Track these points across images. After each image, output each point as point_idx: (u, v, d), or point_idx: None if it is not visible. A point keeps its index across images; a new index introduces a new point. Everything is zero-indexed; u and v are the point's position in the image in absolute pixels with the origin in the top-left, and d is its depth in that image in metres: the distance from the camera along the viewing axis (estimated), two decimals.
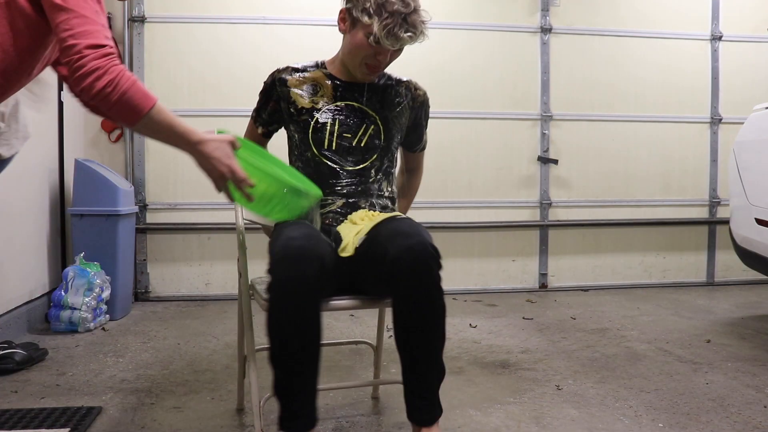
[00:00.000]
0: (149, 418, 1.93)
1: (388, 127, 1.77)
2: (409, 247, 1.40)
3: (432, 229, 4.06)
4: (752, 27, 4.40)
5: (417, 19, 1.60)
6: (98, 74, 1.21)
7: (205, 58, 3.89)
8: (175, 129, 1.34)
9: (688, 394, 2.14)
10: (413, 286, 1.41)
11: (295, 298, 1.37)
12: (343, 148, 1.72)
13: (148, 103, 1.27)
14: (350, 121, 1.75)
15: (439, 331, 1.48)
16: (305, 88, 1.77)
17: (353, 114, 1.75)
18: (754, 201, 2.94)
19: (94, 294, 3.06)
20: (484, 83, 4.14)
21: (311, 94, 1.76)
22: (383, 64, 1.71)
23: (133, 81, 1.26)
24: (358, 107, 1.76)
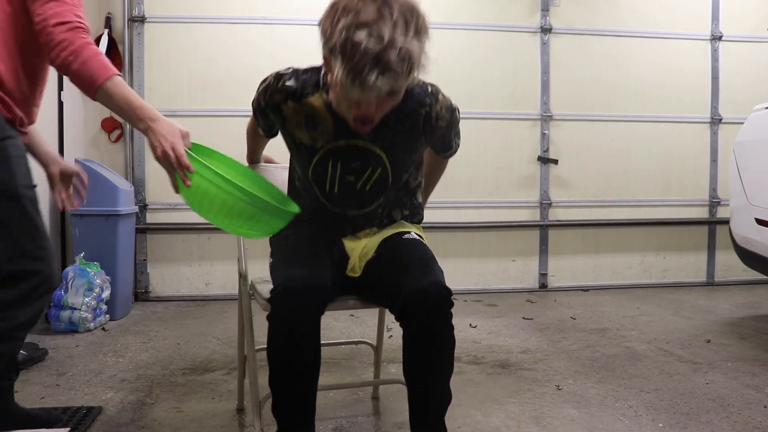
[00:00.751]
0: (149, 418, 1.93)
1: (397, 169, 1.54)
2: (423, 290, 1.37)
3: (432, 229, 4.07)
4: (752, 27, 4.40)
5: (393, 57, 1.21)
6: (63, 45, 1.34)
7: (205, 57, 3.89)
8: (131, 103, 1.40)
9: (688, 394, 2.14)
10: (425, 327, 1.40)
11: (296, 332, 1.36)
12: (346, 192, 1.54)
13: (105, 74, 1.36)
14: (353, 164, 1.51)
15: (449, 362, 1.47)
16: (303, 120, 1.49)
17: (356, 155, 1.50)
18: (754, 201, 2.94)
19: (94, 294, 3.06)
20: (484, 83, 4.14)
21: (310, 128, 1.50)
22: (371, 115, 1.35)
23: (95, 53, 1.36)
24: (363, 146, 1.49)
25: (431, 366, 1.44)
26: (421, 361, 1.44)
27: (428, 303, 1.38)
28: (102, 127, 3.82)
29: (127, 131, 3.81)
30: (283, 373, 1.39)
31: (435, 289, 1.38)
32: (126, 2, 3.78)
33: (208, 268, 3.91)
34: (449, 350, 1.46)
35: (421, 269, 1.42)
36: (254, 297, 1.70)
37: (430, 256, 1.50)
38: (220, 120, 3.86)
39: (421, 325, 1.40)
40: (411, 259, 1.47)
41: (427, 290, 1.37)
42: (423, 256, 1.49)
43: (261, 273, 1.80)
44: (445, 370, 1.47)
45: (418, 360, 1.45)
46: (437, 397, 1.47)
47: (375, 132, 1.47)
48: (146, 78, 3.81)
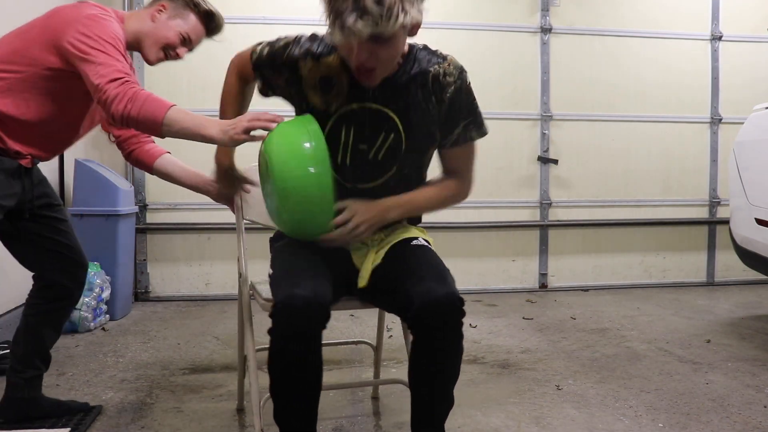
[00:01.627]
0: (149, 418, 1.93)
1: (410, 134, 1.48)
2: (437, 301, 1.35)
3: (432, 229, 4.06)
4: (752, 27, 4.39)
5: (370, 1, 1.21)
6: (119, 99, 1.47)
7: (205, 57, 3.88)
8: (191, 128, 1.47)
9: (688, 394, 2.14)
10: (438, 337, 1.39)
11: (297, 351, 1.35)
12: (358, 162, 1.49)
13: (163, 110, 1.46)
14: (366, 130, 1.47)
15: (456, 370, 1.46)
16: (319, 81, 1.47)
17: (370, 119, 1.47)
18: (754, 201, 2.94)
19: (94, 294, 3.06)
20: (484, 83, 4.13)
21: (324, 90, 1.47)
22: (366, 65, 1.34)
23: (147, 95, 1.48)
24: (376, 109, 1.46)
25: (439, 372, 1.44)
26: (428, 368, 1.44)
27: (443, 314, 1.37)
28: (102, 127, 3.80)
29: None
30: (285, 387, 1.39)
31: (449, 300, 1.37)
32: (126, 2, 3.78)
33: (208, 268, 3.91)
34: (458, 358, 1.45)
35: (436, 279, 1.41)
36: (254, 297, 1.70)
37: (443, 266, 1.50)
38: None
39: (434, 334, 1.39)
40: (424, 268, 1.46)
41: (441, 301, 1.36)
42: (436, 264, 1.49)
43: (261, 273, 1.80)
44: (452, 377, 1.47)
45: (425, 366, 1.44)
46: (441, 403, 1.47)
47: (387, 95, 1.46)
48: (146, 78, 3.81)
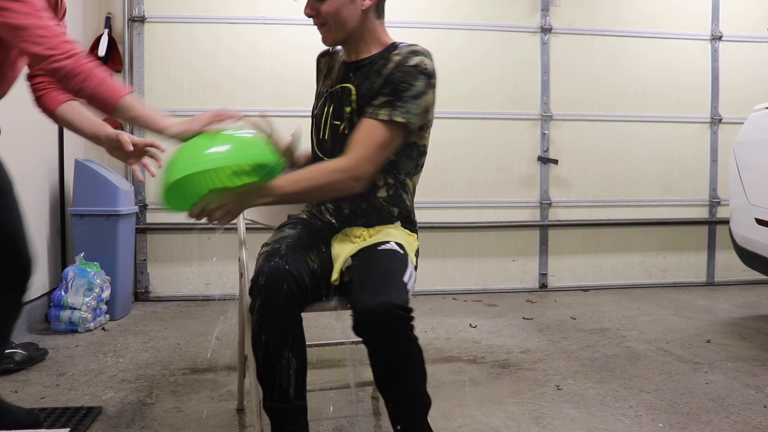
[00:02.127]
0: (149, 418, 1.93)
1: (360, 103, 1.55)
2: (370, 312, 1.31)
3: (432, 229, 4.08)
4: (752, 27, 4.40)
5: None
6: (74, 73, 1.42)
7: (206, 57, 3.89)
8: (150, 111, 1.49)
9: (688, 394, 2.14)
10: (381, 347, 1.37)
11: (274, 320, 1.38)
12: (334, 137, 1.60)
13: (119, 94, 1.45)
14: (339, 107, 1.60)
15: (417, 371, 1.42)
16: (327, 70, 1.71)
17: (342, 96, 1.60)
18: (754, 201, 2.94)
19: (94, 294, 3.06)
20: (484, 83, 4.14)
21: (327, 76, 1.70)
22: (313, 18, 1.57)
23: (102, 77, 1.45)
24: (347, 87, 1.60)
25: (399, 380, 1.41)
26: (386, 377, 1.42)
27: (377, 324, 1.32)
28: None
29: (127, 131, 3.80)
30: (266, 365, 1.42)
31: (382, 309, 1.31)
32: (126, 2, 3.78)
33: (208, 268, 3.91)
34: (414, 361, 1.41)
35: (374, 288, 1.36)
36: None
37: (393, 271, 1.43)
38: None
39: (376, 344, 1.37)
40: (370, 276, 1.41)
41: (374, 312, 1.31)
42: (384, 271, 1.42)
43: None
44: (415, 380, 1.43)
45: (382, 376, 1.42)
46: (413, 406, 1.44)
47: (361, 76, 1.58)
48: (146, 78, 3.81)
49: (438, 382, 2.28)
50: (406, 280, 1.43)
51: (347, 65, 1.63)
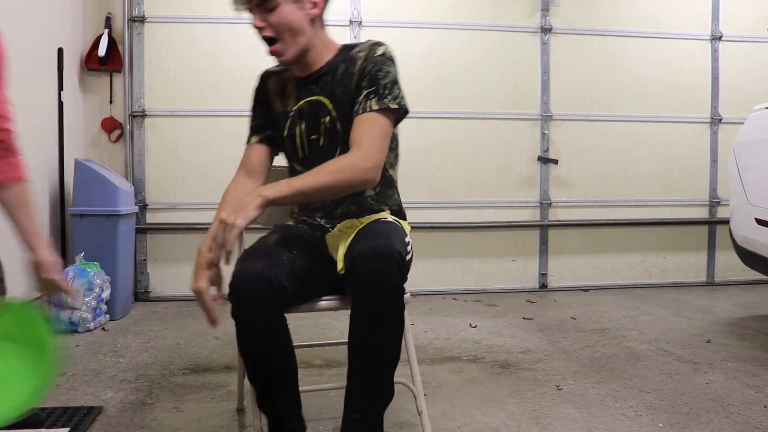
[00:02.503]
0: (149, 418, 1.93)
1: (341, 112, 1.55)
2: (373, 246, 1.33)
3: (432, 229, 4.07)
4: (752, 27, 4.40)
5: None
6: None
7: (206, 57, 3.89)
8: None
9: (688, 394, 2.14)
10: (371, 287, 1.34)
11: (253, 324, 1.38)
12: (314, 151, 1.59)
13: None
14: (312, 121, 1.58)
15: (389, 344, 1.39)
16: (278, 90, 1.67)
17: (313, 110, 1.58)
18: (754, 201, 2.94)
19: (94, 294, 3.06)
20: (484, 83, 4.14)
21: (282, 96, 1.65)
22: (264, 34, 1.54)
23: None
24: (314, 101, 1.58)
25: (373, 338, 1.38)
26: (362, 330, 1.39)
27: (377, 259, 1.31)
28: (102, 127, 3.82)
29: (127, 131, 3.81)
30: (253, 368, 1.43)
31: (386, 248, 1.32)
32: (126, 2, 3.78)
33: None
34: (396, 324, 1.39)
35: (378, 233, 1.38)
36: None
37: (395, 228, 1.45)
38: (220, 120, 3.87)
39: (367, 282, 1.33)
40: (371, 229, 1.43)
41: (377, 247, 1.32)
42: (385, 227, 1.44)
43: None
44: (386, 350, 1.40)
45: (359, 328, 1.39)
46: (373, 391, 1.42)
47: (322, 86, 1.58)
48: (146, 78, 3.81)
49: (438, 382, 2.28)
50: (406, 241, 1.43)
51: (303, 80, 1.61)
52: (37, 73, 3.16)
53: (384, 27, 3.98)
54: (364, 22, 3.96)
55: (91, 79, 3.79)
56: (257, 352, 1.41)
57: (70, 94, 3.52)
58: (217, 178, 3.83)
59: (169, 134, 3.85)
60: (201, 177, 3.86)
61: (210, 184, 3.83)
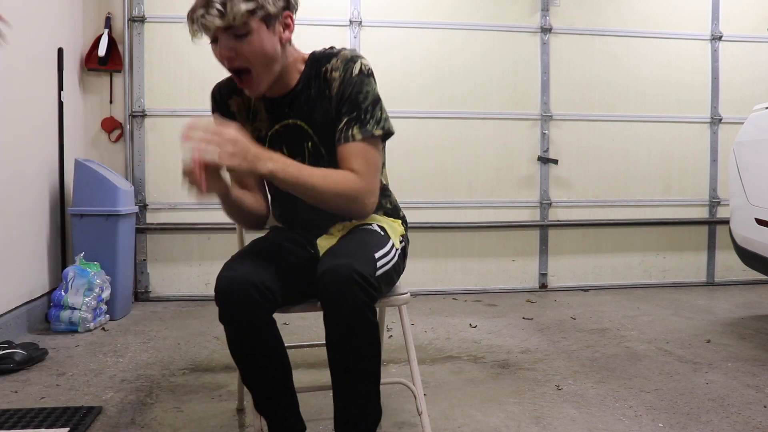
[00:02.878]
0: (149, 418, 1.93)
1: (322, 136, 1.49)
2: (333, 267, 1.28)
3: (432, 229, 4.07)
4: (752, 27, 4.40)
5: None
6: None
7: (206, 58, 3.86)
8: None
9: (688, 394, 2.14)
10: (335, 311, 1.31)
11: (241, 328, 1.37)
12: None
13: None
14: (293, 146, 1.52)
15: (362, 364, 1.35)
16: (245, 113, 1.57)
17: (292, 134, 1.52)
18: (754, 201, 2.94)
19: (94, 294, 3.06)
20: (484, 83, 4.14)
21: (252, 120, 1.56)
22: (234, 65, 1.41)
23: None
24: (292, 124, 1.51)
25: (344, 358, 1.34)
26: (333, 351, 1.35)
27: (337, 281, 1.26)
28: (102, 127, 3.82)
29: (127, 131, 3.81)
30: (246, 372, 1.43)
31: (341, 269, 1.26)
32: (126, 2, 3.78)
33: (208, 268, 3.91)
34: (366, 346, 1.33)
35: (341, 253, 1.33)
36: None
37: (365, 243, 1.40)
38: None
39: (328, 304, 1.31)
40: (340, 245, 1.40)
41: (334, 269, 1.27)
42: (358, 240, 1.41)
43: None
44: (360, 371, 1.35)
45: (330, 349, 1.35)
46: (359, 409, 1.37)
47: (297, 107, 1.50)
48: (146, 78, 3.81)
49: (438, 382, 2.28)
50: (378, 256, 1.39)
51: (274, 101, 1.52)
52: (37, 73, 3.16)
53: (384, 27, 3.98)
54: (364, 22, 3.96)
55: (91, 79, 3.79)
56: (248, 355, 1.41)
57: (70, 94, 3.52)
58: None
59: (169, 134, 3.85)
60: None
61: None
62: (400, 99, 3.98)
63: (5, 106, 2.78)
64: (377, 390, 1.41)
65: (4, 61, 2.76)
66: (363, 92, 1.44)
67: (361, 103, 1.43)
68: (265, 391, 1.44)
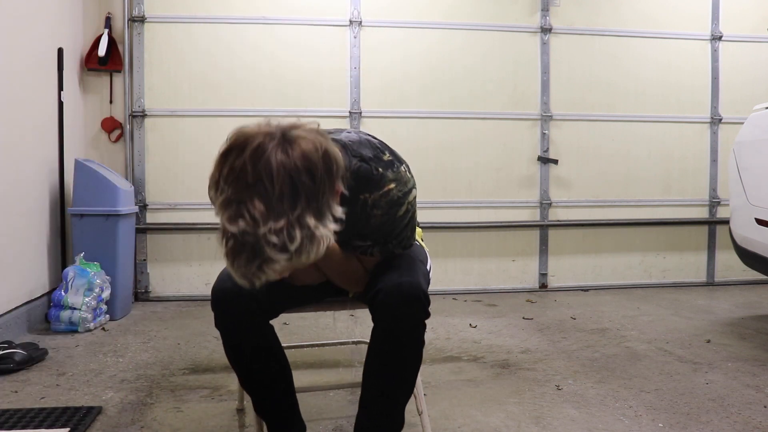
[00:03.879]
0: (149, 418, 1.93)
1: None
2: (398, 285, 1.30)
3: (432, 229, 4.07)
4: (752, 27, 4.40)
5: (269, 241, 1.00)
6: None
7: (206, 58, 3.89)
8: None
9: (688, 394, 2.14)
10: (394, 322, 1.32)
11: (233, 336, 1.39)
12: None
13: None
14: None
15: (403, 380, 1.38)
16: None
17: None
18: (754, 201, 2.94)
19: (94, 294, 3.06)
20: (484, 83, 4.14)
21: None
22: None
23: None
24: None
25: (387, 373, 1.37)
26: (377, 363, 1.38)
27: (401, 297, 1.29)
28: (102, 127, 3.82)
29: (127, 131, 3.81)
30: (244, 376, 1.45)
31: (411, 286, 1.31)
32: (126, 2, 3.78)
33: (208, 268, 3.91)
34: (412, 360, 1.37)
35: (404, 269, 1.36)
36: None
37: (419, 260, 1.44)
38: (220, 120, 3.86)
39: (388, 319, 1.32)
40: (395, 262, 1.40)
41: (402, 285, 1.30)
42: (411, 258, 1.43)
43: None
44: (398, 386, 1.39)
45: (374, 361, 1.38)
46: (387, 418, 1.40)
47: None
48: (146, 78, 3.81)
49: (438, 382, 2.28)
50: (426, 270, 1.45)
51: None
52: (37, 73, 3.16)
53: (384, 27, 3.98)
54: (364, 22, 3.96)
55: (91, 79, 3.79)
56: (244, 363, 1.42)
57: (70, 94, 3.52)
58: None
59: (169, 134, 3.85)
60: (201, 177, 3.82)
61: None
62: (400, 99, 3.98)
63: (5, 106, 2.78)
64: (406, 403, 1.43)
65: (4, 61, 2.76)
66: (399, 227, 1.37)
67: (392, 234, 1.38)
68: (263, 394, 1.45)
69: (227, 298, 1.34)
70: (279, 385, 1.46)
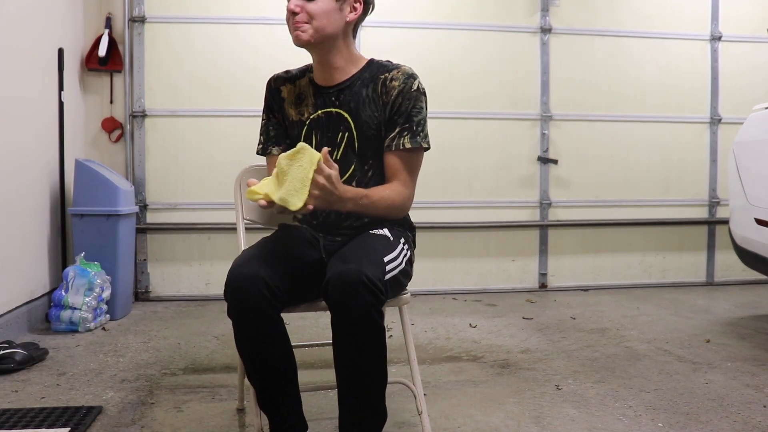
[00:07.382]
0: (149, 418, 1.93)
1: (361, 132, 1.58)
2: (341, 272, 1.32)
3: (432, 229, 4.08)
4: (752, 27, 4.40)
5: None
6: None
7: (205, 58, 3.89)
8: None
9: (687, 394, 2.14)
10: (344, 315, 1.34)
11: (249, 324, 1.39)
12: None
13: None
14: (329, 132, 1.61)
15: (369, 367, 1.38)
16: (294, 98, 1.66)
17: (332, 122, 1.61)
18: (754, 201, 2.95)
19: (95, 294, 3.06)
20: (484, 83, 4.14)
21: (297, 104, 1.66)
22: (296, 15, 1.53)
23: None
24: (334, 113, 1.60)
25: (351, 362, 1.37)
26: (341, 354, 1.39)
27: (344, 284, 1.31)
28: (102, 127, 3.82)
29: (127, 131, 3.81)
30: (252, 368, 1.45)
31: (353, 272, 1.31)
32: (126, 2, 3.78)
33: (208, 268, 3.91)
34: (370, 347, 1.36)
35: (350, 258, 1.38)
36: None
37: (374, 248, 1.46)
38: (220, 120, 3.87)
39: (337, 308, 1.34)
40: (349, 249, 1.45)
41: (344, 272, 1.32)
42: (365, 247, 1.45)
43: None
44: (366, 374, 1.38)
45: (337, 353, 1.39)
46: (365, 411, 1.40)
47: (344, 99, 1.60)
48: (146, 78, 3.81)
49: (438, 382, 2.28)
50: (387, 260, 1.44)
51: (324, 89, 1.63)
52: (38, 73, 3.16)
53: (385, 27, 3.98)
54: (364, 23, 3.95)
55: (92, 80, 3.79)
56: (254, 351, 1.42)
57: (71, 95, 3.52)
58: (217, 179, 3.83)
59: (169, 134, 3.85)
60: (201, 177, 3.86)
61: (210, 185, 3.84)
62: None
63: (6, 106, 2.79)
64: (383, 393, 1.43)
65: (5, 62, 2.76)
66: (417, 107, 1.57)
67: (414, 116, 1.57)
68: (270, 388, 1.45)
69: (244, 283, 1.36)
70: (287, 376, 1.45)
